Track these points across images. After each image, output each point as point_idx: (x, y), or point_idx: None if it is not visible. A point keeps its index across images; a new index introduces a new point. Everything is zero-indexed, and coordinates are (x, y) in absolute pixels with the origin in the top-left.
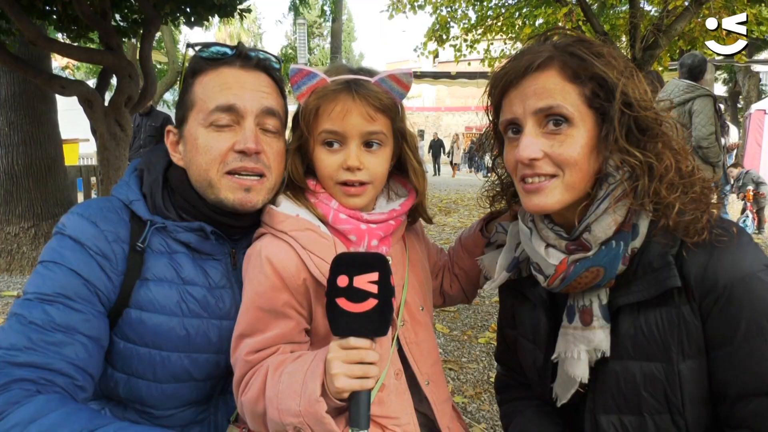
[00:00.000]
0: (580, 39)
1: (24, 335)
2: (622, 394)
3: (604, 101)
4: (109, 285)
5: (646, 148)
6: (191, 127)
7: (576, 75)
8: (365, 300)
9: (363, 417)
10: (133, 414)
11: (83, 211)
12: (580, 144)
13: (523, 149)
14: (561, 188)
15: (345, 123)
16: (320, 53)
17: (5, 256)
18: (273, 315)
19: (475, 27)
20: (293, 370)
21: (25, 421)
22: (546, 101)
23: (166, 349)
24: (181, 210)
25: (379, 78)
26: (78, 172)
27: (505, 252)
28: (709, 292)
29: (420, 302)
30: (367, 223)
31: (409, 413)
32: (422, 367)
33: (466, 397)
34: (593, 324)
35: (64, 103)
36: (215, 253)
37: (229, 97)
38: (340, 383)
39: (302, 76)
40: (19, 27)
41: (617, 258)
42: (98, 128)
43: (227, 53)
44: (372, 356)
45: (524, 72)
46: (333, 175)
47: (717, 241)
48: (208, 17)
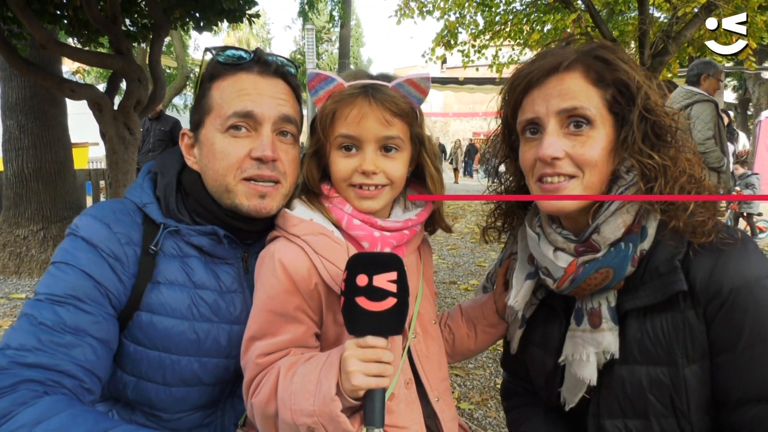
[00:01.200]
0: (605, 45)
1: (33, 336)
2: (628, 399)
3: (624, 105)
4: (121, 287)
5: (661, 151)
6: (208, 132)
7: (600, 79)
8: (385, 299)
9: (378, 415)
10: (140, 416)
11: (96, 212)
12: (600, 146)
13: (546, 147)
14: (579, 189)
15: (361, 127)
16: (329, 58)
17: (14, 259)
18: (284, 319)
19: (483, 32)
20: (306, 370)
21: (32, 423)
22: (570, 102)
23: (176, 352)
24: (194, 213)
25: (397, 83)
26: (87, 175)
27: (519, 265)
28: (714, 298)
29: (433, 315)
30: (381, 230)
31: (419, 423)
32: (432, 382)
33: (472, 404)
34: (602, 326)
35: (74, 107)
36: (228, 257)
37: (247, 104)
38: (357, 381)
39: (320, 80)
40: (30, 31)
41: (626, 259)
42: (107, 132)
43: (243, 57)
44: (388, 356)
45: (549, 72)
46: (347, 179)
47: (723, 245)
48: (217, 22)
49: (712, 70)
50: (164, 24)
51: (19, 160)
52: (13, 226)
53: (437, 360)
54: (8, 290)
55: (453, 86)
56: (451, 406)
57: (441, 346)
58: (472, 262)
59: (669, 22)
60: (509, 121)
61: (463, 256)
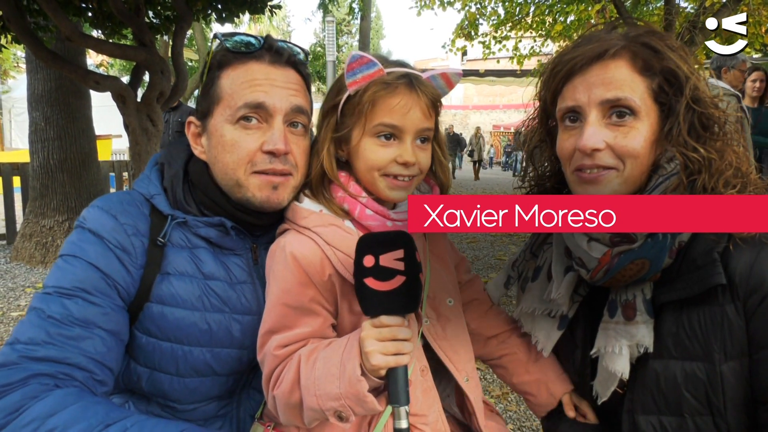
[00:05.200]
0: (653, 30)
1: (42, 329)
2: (663, 394)
3: (671, 96)
4: (129, 279)
5: (707, 144)
6: (217, 122)
7: (646, 67)
8: (393, 278)
9: (402, 393)
10: (156, 408)
11: (103, 204)
12: (643, 137)
13: (587, 138)
14: (618, 181)
15: (405, 118)
16: (348, 51)
17: (40, 249)
18: (300, 311)
19: (504, 23)
20: (328, 355)
21: (43, 416)
22: (614, 92)
23: (188, 343)
24: (202, 205)
25: (431, 75)
26: (111, 167)
27: (556, 257)
28: (754, 292)
29: (447, 295)
30: (393, 221)
31: (437, 410)
32: (458, 363)
33: (492, 397)
34: (636, 318)
35: (98, 99)
36: (236, 248)
37: (259, 95)
38: (376, 360)
39: (361, 63)
40: (56, 23)
41: (663, 250)
42: (131, 123)
43: (252, 44)
44: (405, 333)
45: (593, 60)
46: (383, 168)
47: (765, 238)
48: (239, 14)
49: (731, 63)
50: (187, 16)
51: (45, 152)
52: (39, 216)
53: (460, 340)
54: (35, 279)
55: (473, 78)
56: (479, 386)
57: (462, 326)
58: (492, 255)
59: (696, 12)
60: (548, 107)
61: (483, 249)
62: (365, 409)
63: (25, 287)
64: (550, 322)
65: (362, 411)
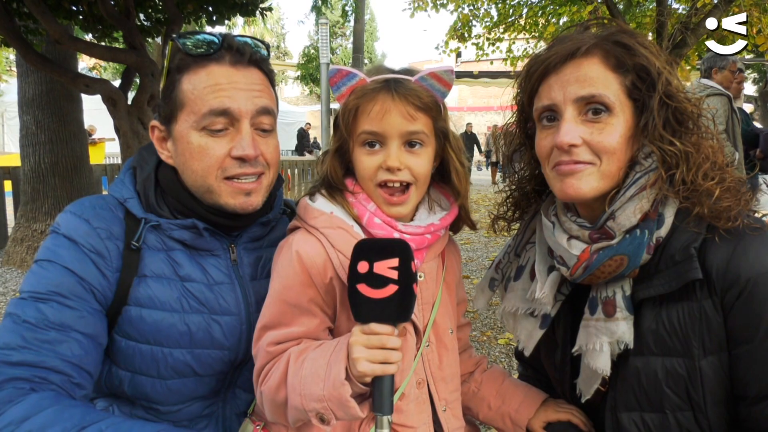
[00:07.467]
0: (624, 29)
1: (17, 334)
2: (644, 391)
3: (644, 92)
4: (105, 282)
5: (682, 138)
6: (182, 129)
7: (619, 64)
8: (385, 286)
9: (386, 402)
10: (140, 411)
11: (76, 209)
12: (619, 133)
13: (564, 134)
14: (597, 176)
15: (384, 123)
16: (343, 53)
17: (31, 253)
18: (298, 310)
19: (497, 25)
20: (316, 355)
21: (18, 420)
22: (588, 89)
23: (167, 345)
24: (174, 210)
25: (420, 76)
26: (103, 170)
27: (539, 257)
28: (732, 286)
29: (450, 325)
30: (401, 233)
31: (427, 424)
32: (441, 392)
33: None
34: (616, 315)
35: (90, 103)
36: (213, 249)
37: (223, 101)
38: (362, 367)
39: (341, 76)
40: (45, 26)
41: (641, 246)
42: (121, 127)
43: (213, 42)
44: (393, 342)
45: (566, 58)
46: (373, 177)
47: (748, 230)
48: (230, 16)
49: (721, 63)
50: (177, 19)
51: (36, 156)
52: (31, 220)
53: (450, 371)
54: None
55: (467, 80)
56: (459, 417)
57: (455, 357)
58: (486, 256)
59: (687, 14)
60: (525, 108)
61: (477, 251)
62: (347, 414)
63: (17, 292)
64: (533, 321)
65: (344, 416)
